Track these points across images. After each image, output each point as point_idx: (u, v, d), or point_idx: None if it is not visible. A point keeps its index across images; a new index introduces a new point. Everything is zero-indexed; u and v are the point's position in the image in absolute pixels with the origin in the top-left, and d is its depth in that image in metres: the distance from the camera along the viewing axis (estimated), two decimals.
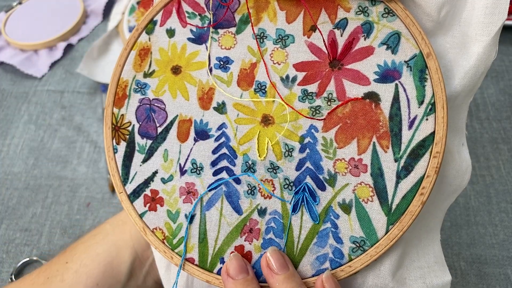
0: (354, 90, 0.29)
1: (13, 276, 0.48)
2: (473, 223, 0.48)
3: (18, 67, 0.68)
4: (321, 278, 0.27)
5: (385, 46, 0.28)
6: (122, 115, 0.33)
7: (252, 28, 0.31)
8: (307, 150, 0.29)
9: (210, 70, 0.32)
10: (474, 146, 0.54)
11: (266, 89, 0.31)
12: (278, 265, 0.27)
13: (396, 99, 0.28)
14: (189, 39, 0.33)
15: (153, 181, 0.32)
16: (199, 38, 0.33)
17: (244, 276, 0.28)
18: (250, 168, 0.30)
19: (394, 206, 0.27)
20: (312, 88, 0.30)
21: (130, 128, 0.33)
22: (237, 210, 0.30)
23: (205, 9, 0.32)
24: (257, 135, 0.30)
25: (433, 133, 0.27)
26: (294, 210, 0.29)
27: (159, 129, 0.32)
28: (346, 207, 0.28)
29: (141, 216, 0.32)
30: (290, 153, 0.29)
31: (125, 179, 0.33)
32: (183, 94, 0.32)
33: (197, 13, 0.33)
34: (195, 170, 0.31)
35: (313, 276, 0.28)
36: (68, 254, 0.39)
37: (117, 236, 0.40)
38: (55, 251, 0.50)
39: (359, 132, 0.28)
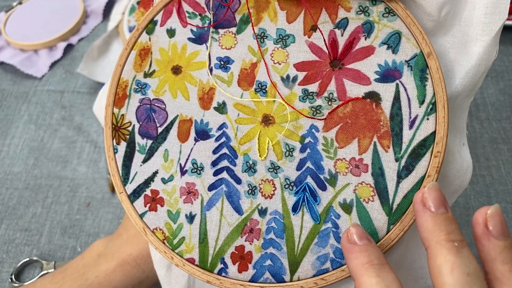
0: (355, 90, 0.29)
1: (13, 276, 0.48)
2: None
3: (18, 67, 0.68)
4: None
5: (385, 46, 0.28)
6: (123, 115, 0.33)
7: (253, 28, 0.31)
8: (308, 150, 0.29)
9: (211, 70, 0.32)
10: (474, 146, 0.54)
11: (266, 89, 0.30)
12: (500, 229, 0.22)
13: (396, 99, 0.28)
14: (189, 39, 0.33)
15: (153, 181, 0.32)
16: (199, 38, 0.33)
17: (443, 211, 0.23)
18: (250, 168, 0.30)
19: (395, 206, 0.27)
20: (313, 87, 0.30)
21: (130, 128, 0.33)
22: (238, 210, 0.30)
23: (206, 9, 0.32)
24: (257, 135, 0.30)
25: (434, 133, 0.27)
26: (295, 210, 0.29)
27: (160, 129, 0.32)
28: (347, 207, 0.28)
29: (141, 216, 0.32)
30: (290, 153, 0.29)
31: (125, 179, 0.33)
32: (183, 94, 0.32)
33: (197, 13, 0.33)
34: (195, 170, 0.31)
35: (314, 276, 0.28)
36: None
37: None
38: (55, 251, 0.50)
39: (360, 132, 0.28)
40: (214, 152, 0.31)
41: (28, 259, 0.49)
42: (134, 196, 0.32)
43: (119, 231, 0.43)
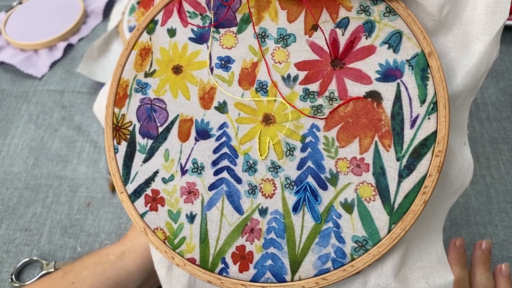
0: (356, 89, 0.29)
1: (13, 276, 0.48)
2: (473, 223, 0.48)
3: (18, 67, 0.68)
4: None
5: (386, 45, 0.28)
6: (123, 115, 0.33)
7: (253, 28, 0.31)
8: (309, 149, 0.29)
9: (211, 69, 0.32)
10: (474, 146, 0.54)
11: (267, 88, 0.30)
12: None
13: (398, 98, 0.28)
14: (190, 38, 0.33)
15: (154, 181, 0.32)
16: (200, 38, 0.33)
17: None
18: (251, 167, 0.30)
19: (396, 206, 0.27)
20: (314, 87, 0.29)
21: (131, 128, 0.33)
22: (238, 209, 0.30)
23: (206, 8, 0.32)
24: (258, 134, 0.30)
25: (435, 132, 0.27)
26: (295, 209, 0.29)
27: (160, 129, 0.32)
28: (348, 207, 0.28)
29: (142, 216, 0.32)
30: (291, 152, 0.29)
31: (126, 179, 0.32)
32: (184, 94, 0.32)
33: (198, 13, 0.33)
34: (196, 169, 0.31)
35: (315, 276, 0.28)
36: (72, 276, 0.41)
37: (126, 263, 0.42)
38: (55, 251, 0.50)
39: (361, 131, 0.28)
40: (215, 151, 0.31)
41: (28, 259, 0.49)
42: (134, 196, 0.32)
43: (126, 235, 0.46)
